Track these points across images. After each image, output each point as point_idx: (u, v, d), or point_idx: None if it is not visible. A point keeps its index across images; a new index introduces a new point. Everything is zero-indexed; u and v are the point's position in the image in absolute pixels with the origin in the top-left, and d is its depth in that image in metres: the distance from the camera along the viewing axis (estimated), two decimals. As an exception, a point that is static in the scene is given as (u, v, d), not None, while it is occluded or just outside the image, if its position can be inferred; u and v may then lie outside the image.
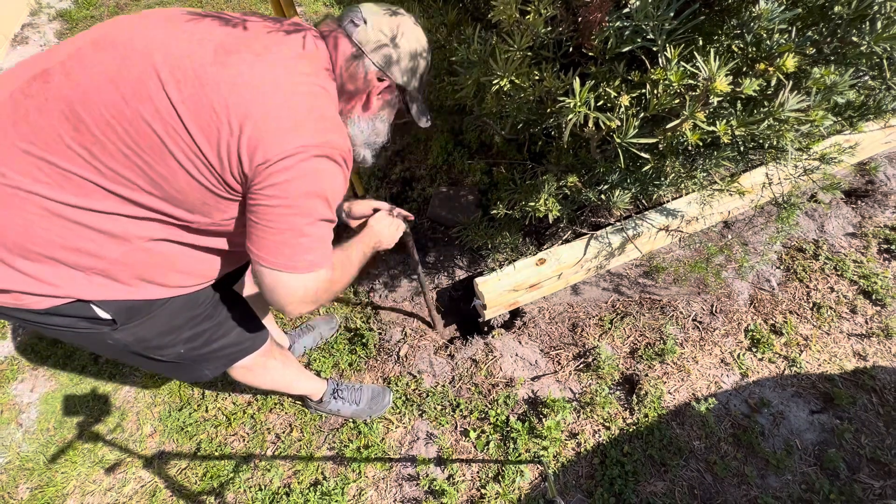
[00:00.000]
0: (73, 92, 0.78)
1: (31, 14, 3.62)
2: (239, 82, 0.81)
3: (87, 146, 0.78)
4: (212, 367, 1.20)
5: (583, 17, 1.08)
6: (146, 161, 0.80)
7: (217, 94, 0.79)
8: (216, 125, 0.80)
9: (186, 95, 0.79)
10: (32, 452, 1.70)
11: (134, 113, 0.78)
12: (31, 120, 0.78)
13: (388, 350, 1.88)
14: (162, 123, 0.79)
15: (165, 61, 0.80)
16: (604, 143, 1.29)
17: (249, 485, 1.59)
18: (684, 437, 1.61)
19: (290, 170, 0.82)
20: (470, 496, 1.54)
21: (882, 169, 2.33)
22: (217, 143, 0.81)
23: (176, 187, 0.84)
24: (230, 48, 0.84)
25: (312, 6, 3.58)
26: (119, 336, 0.98)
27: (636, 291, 2.00)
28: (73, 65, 0.81)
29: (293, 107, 0.84)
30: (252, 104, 0.81)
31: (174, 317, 1.03)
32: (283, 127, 0.82)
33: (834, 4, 0.89)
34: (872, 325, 1.84)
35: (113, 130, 0.78)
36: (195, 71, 0.80)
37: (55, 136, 0.78)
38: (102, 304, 0.91)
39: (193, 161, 0.82)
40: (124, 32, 0.84)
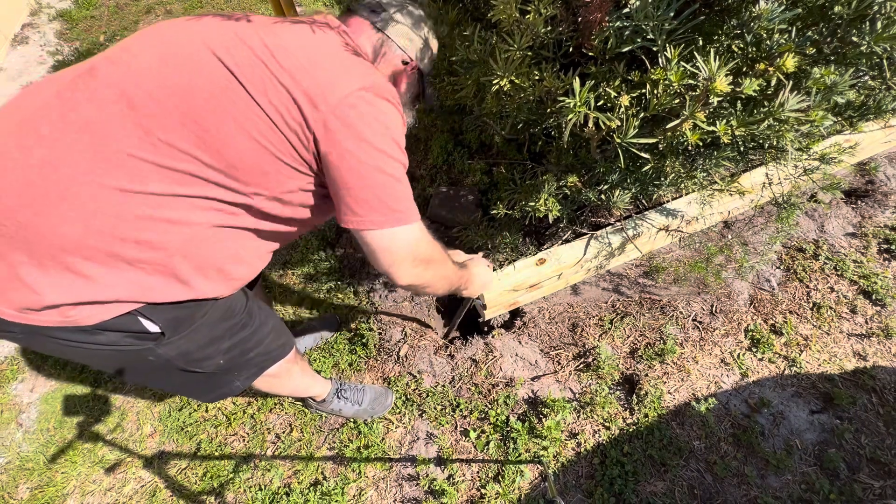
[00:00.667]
0: (123, 76, 0.79)
1: (31, 14, 3.62)
2: (285, 45, 0.85)
3: (142, 123, 0.78)
4: (243, 378, 1.19)
5: (583, 17, 1.08)
6: (204, 128, 0.80)
7: (268, 57, 0.82)
8: (274, 86, 0.82)
9: (239, 60, 0.81)
10: (32, 452, 1.70)
11: (188, 82, 0.79)
12: (81, 110, 0.77)
13: (388, 350, 1.88)
14: (220, 88, 0.80)
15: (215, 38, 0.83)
16: (604, 143, 1.29)
17: (249, 485, 1.59)
18: (684, 437, 1.61)
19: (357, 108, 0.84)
20: (470, 496, 1.54)
21: (882, 169, 2.33)
22: (278, 102, 0.82)
23: (236, 154, 0.83)
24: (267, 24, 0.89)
25: (312, 6, 3.58)
26: (162, 351, 0.95)
27: (636, 291, 2.00)
28: (119, 55, 0.83)
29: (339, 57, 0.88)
30: (303, 61, 0.84)
31: (214, 328, 1.03)
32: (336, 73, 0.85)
33: (834, 4, 0.89)
34: (872, 325, 1.84)
35: (170, 101, 0.79)
36: (244, 41, 0.83)
37: (107, 120, 0.77)
38: (154, 315, 0.89)
39: (254, 121, 0.82)
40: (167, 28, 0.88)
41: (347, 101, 0.83)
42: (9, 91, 3.11)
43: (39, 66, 3.25)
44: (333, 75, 0.85)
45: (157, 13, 3.62)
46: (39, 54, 3.34)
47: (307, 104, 0.82)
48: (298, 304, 2.06)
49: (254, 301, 1.17)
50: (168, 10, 3.63)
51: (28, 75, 3.20)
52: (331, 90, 0.83)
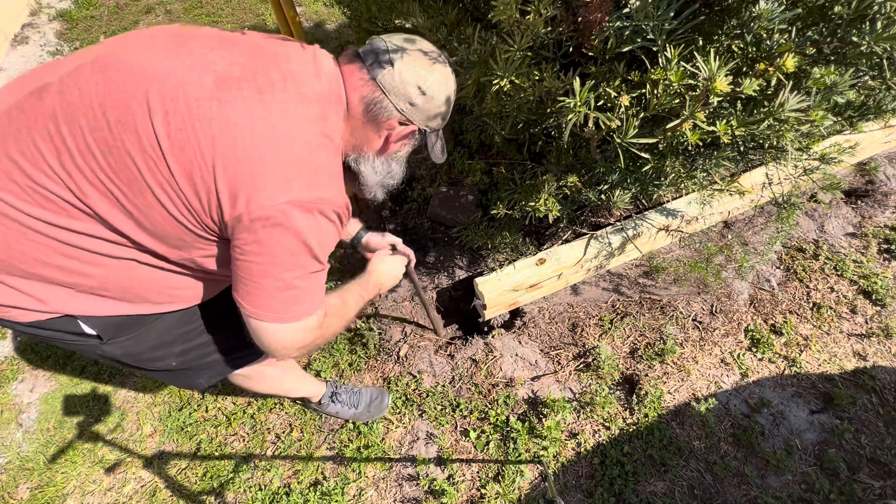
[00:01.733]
0: (61, 110, 0.76)
1: (31, 14, 3.63)
2: (232, 122, 0.75)
3: (67, 169, 0.75)
4: (206, 377, 1.19)
5: (583, 17, 1.08)
6: (122, 192, 0.77)
7: (206, 132, 0.75)
8: (199, 165, 0.75)
9: (173, 129, 0.74)
10: (32, 452, 1.70)
11: (116, 141, 0.75)
12: (20, 137, 0.76)
13: (388, 350, 1.88)
14: (143, 156, 0.75)
15: (159, 90, 0.75)
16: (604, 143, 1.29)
17: (249, 485, 1.59)
18: (684, 437, 1.61)
19: (277, 226, 0.77)
20: (470, 496, 1.54)
21: (882, 169, 2.33)
22: (196, 184, 0.76)
23: (152, 221, 0.80)
24: (231, 82, 0.78)
25: (312, 6, 3.58)
26: (107, 349, 0.97)
27: (636, 291, 2.00)
28: (69, 83, 0.78)
29: (287, 157, 0.78)
30: (242, 148, 0.75)
31: (166, 332, 1.02)
32: (273, 178, 0.77)
33: (834, 4, 0.89)
34: (872, 325, 1.84)
35: (93, 156, 0.75)
36: (188, 104, 0.75)
37: (37, 154, 0.75)
38: (88, 321, 0.90)
39: (171, 198, 0.77)
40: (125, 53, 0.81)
41: (265, 213, 0.76)
42: (9, 91, 3.11)
43: (39, 66, 3.25)
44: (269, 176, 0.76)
45: (156, 13, 3.62)
46: (39, 54, 3.34)
47: (227, 199, 0.76)
48: (298, 304, 2.05)
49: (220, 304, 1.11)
50: (168, 9, 3.63)
51: (28, 75, 3.20)
52: (258, 193, 0.76)
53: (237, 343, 1.18)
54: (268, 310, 0.84)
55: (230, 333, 1.14)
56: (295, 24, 1.60)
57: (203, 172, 0.75)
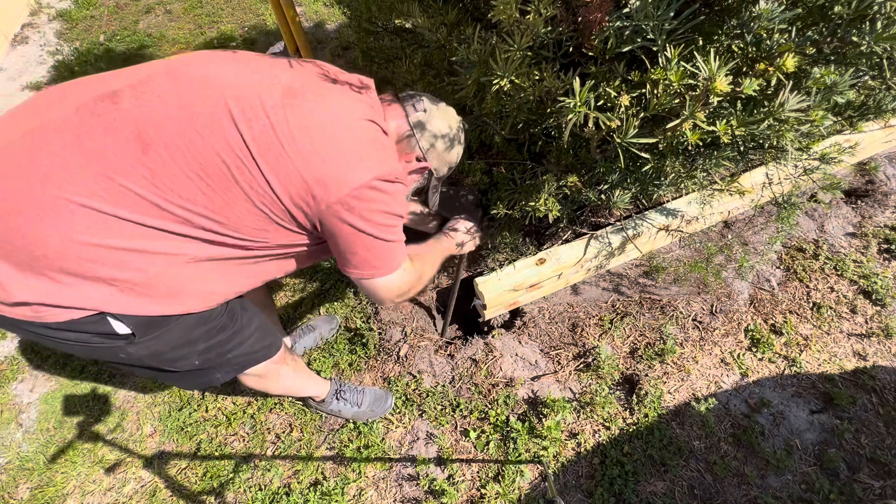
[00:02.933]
0: (145, 116, 0.81)
1: (31, 14, 3.63)
2: (305, 123, 0.87)
3: (152, 167, 0.80)
4: (223, 373, 1.20)
5: (583, 17, 1.08)
6: (211, 186, 0.84)
7: (285, 133, 0.85)
8: (287, 165, 0.85)
9: (257, 133, 0.84)
10: (32, 452, 1.70)
11: (206, 144, 0.82)
12: (96, 136, 0.80)
13: (388, 350, 1.88)
14: (233, 157, 0.83)
15: (238, 99, 0.85)
16: (604, 143, 1.29)
17: (249, 485, 1.59)
18: (684, 437, 1.61)
19: (367, 200, 0.91)
20: (470, 496, 1.54)
21: (882, 169, 2.33)
22: (288, 182, 0.86)
23: (236, 213, 0.88)
24: (296, 91, 0.90)
25: (312, 6, 3.58)
26: (133, 350, 0.97)
27: (636, 291, 2.00)
28: (145, 90, 0.84)
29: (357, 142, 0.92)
30: (320, 143, 0.87)
31: (190, 330, 1.03)
32: (351, 163, 0.89)
33: (834, 4, 0.89)
34: (872, 325, 1.84)
35: (183, 156, 0.81)
36: (265, 111, 0.85)
37: (120, 155, 0.79)
38: (123, 318, 0.90)
39: (260, 194, 0.86)
40: (196, 67, 0.89)
41: (355, 193, 0.89)
42: (9, 91, 3.11)
43: (39, 66, 3.25)
44: (348, 163, 0.89)
45: (156, 13, 3.62)
46: (39, 54, 3.34)
47: (318, 190, 0.87)
48: (298, 304, 2.06)
49: (238, 301, 1.16)
50: (168, 9, 3.63)
51: (28, 75, 3.20)
52: (342, 179, 0.88)
53: (256, 339, 1.21)
54: (379, 269, 1.02)
55: (249, 330, 1.18)
56: (295, 24, 1.60)
57: (291, 171, 0.86)
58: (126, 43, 3.35)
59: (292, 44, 2.47)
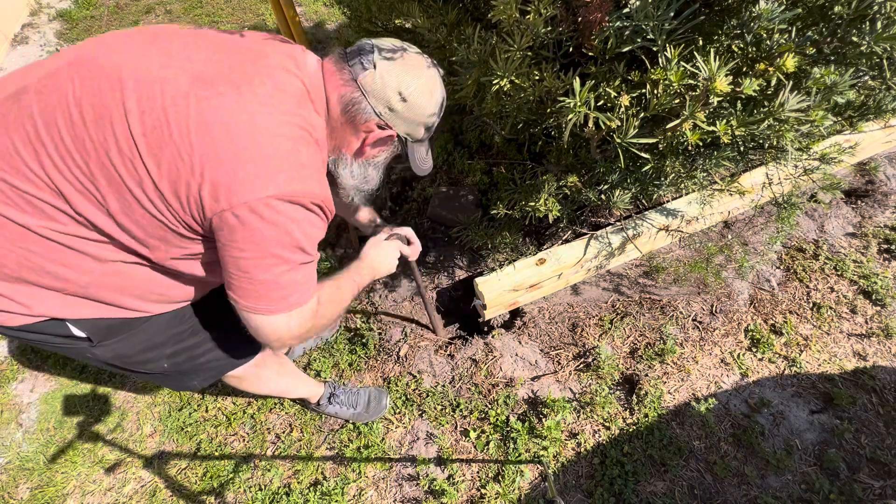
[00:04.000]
0: (39, 112, 0.76)
1: (31, 14, 3.63)
2: (209, 119, 0.75)
3: (47, 170, 0.75)
4: (200, 379, 1.19)
5: (583, 17, 1.08)
6: (102, 192, 0.77)
7: (182, 130, 0.74)
8: (177, 164, 0.75)
9: (149, 128, 0.74)
10: (32, 452, 1.70)
11: (93, 140, 0.75)
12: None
13: (387, 350, 1.88)
14: (120, 156, 0.74)
15: (135, 89, 0.75)
16: (604, 143, 1.29)
17: (249, 485, 1.59)
18: (684, 437, 1.61)
19: (261, 220, 0.77)
20: (470, 496, 1.54)
21: (882, 169, 2.33)
22: (176, 183, 0.76)
23: (133, 220, 0.80)
24: (209, 79, 0.78)
25: (312, 6, 3.58)
26: (97, 352, 0.97)
27: (636, 291, 2.00)
28: (46, 83, 0.78)
29: (267, 151, 0.78)
30: (220, 144, 0.75)
31: (156, 334, 1.01)
32: (254, 172, 0.76)
33: (834, 4, 0.89)
34: (872, 325, 1.84)
35: (71, 157, 0.75)
36: (164, 103, 0.75)
37: (18, 159, 0.75)
38: (77, 323, 0.90)
39: (150, 197, 0.77)
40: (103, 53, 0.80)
41: (249, 206, 0.76)
42: (9, 91, 3.11)
43: (39, 66, 3.25)
44: (249, 171, 0.76)
45: (156, 13, 3.62)
46: (39, 54, 3.34)
47: (208, 195, 0.76)
48: (298, 304, 2.06)
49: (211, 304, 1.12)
50: (168, 9, 3.63)
51: (28, 75, 3.20)
52: (239, 188, 0.76)
53: (229, 344, 1.17)
54: (260, 302, 0.85)
55: (221, 334, 1.14)
56: (295, 24, 1.60)
57: (182, 171, 0.75)
58: (126, 43, 3.35)
59: (292, 44, 2.46)
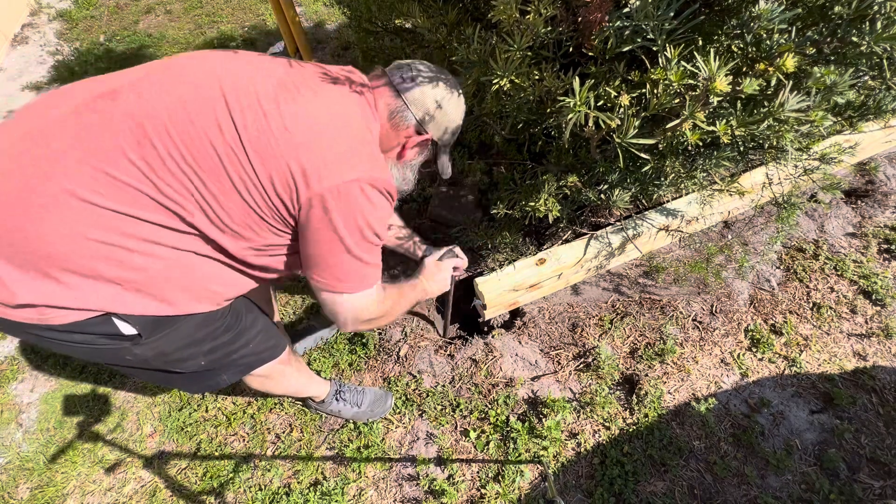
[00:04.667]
0: (140, 109, 0.82)
1: (31, 14, 3.63)
2: (299, 115, 0.87)
3: (147, 160, 0.81)
4: (230, 374, 1.20)
5: (583, 17, 1.08)
6: (201, 179, 0.84)
7: (278, 123, 0.85)
8: (274, 152, 0.85)
9: (250, 122, 0.84)
10: (32, 452, 1.70)
11: (198, 131, 0.83)
12: (94, 133, 0.80)
13: (387, 350, 1.88)
14: (223, 145, 0.84)
15: (233, 88, 0.86)
16: (604, 142, 1.29)
17: (249, 485, 1.59)
18: (684, 437, 1.61)
19: (347, 199, 0.88)
20: (470, 496, 1.54)
21: (882, 169, 2.33)
22: (273, 169, 0.86)
23: (225, 207, 0.88)
24: (290, 84, 0.91)
25: (312, 6, 3.58)
26: (139, 351, 0.97)
27: (636, 291, 2.00)
28: (143, 86, 0.85)
29: (348, 141, 0.91)
30: (310, 135, 0.87)
31: (196, 330, 1.03)
32: (340, 158, 0.88)
33: (834, 4, 0.89)
34: (872, 325, 1.84)
35: (175, 146, 0.82)
36: (259, 101, 0.86)
37: (117, 149, 0.80)
38: (129, 319, 0.90)
39: (247, 184, 0.86)
40: (193, 61, 0.91)
41: (339, 189, 0.87)
42: (8, 91, 3.11)
43: (39, 66, 3.25)
44: (335, 158, 0.88)
45: (156, 13, 3.62)
46: (39, 54, 3.34)
47: (301, 179, 0.86)
48: (299, 304, 2.06)
49: (243, 302, 1.17)
50: (168, 9, 3.64)
51: (28, 75, 3.20)
52: (327, 172, 0.87)
53: (261, 340, 1.21)
54: (340, 282, 0.97)
55: (254, 331, 1.18)
56: (295, 24, 1.60)
57: (278, 159, 0.85)
58: (126, 43, 3.35)
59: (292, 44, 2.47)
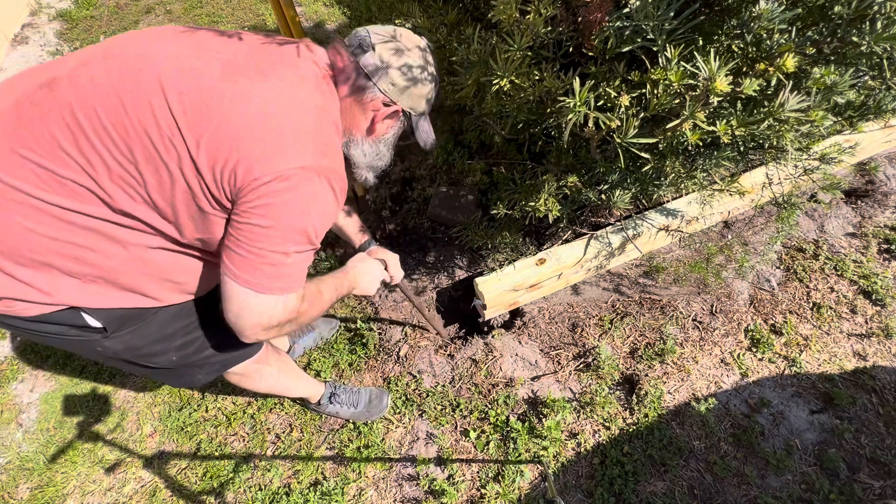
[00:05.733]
0: (76, 99, 0.79)
1: (31, 14, 3.63)
2: (243, 99, 0.81)
3: (84, 153, 0.78)
4: (204, 374, 1.20)
5: (583, 17, 1.08)
6: (139, 171, 0.80)
7: (219, 108, 0.80)
8: (215, 139, 0.79)
9: (188, 107, 0.79)
10: (32, 452, 1.70)
11: (132, 121, 0.79)
12: (32, 126, 0.79)
13: (388, 350, 1.88)
14: (159, 133, 0.79)
15: (171, 73, 0.81)
16: (604, 143, 1.29)
17: (249, 485, 1.59)
18: (684, 437, 1.61)
19: (288, 190, 0.82)
20: (470, 496, 1.54)
21: (882, 169, 2.33)
22: (214, 157, 0.80)
23: (166, 199, 0.83)
24: (237, 66, 0.85)
25: (312, 6, 3.58)
26: (109, 344, 0.97)
27: (636, 291, 2.00)
28: (80, 73, 0.82)
29: (299, 126, 0.84)
30: (255, 120, 0.81)
31: (166, 325, 1.03)
32: (285, 145, 0.82)
33: (834, 4, 0.89)
34: (872, 325, 1.84)
35: (109, 138, 0.78)
36: (199, 84, 0.81)
37: (53, 142, 0.78)
38: (93, 312, 0.91)
39: (185, 173, 0.81)
40: (134, 45, 0.86)
41: (281, 176, 0.81)
42: (9, 91, 3.11)
43: (39, 66, 3.25)
44: (281, 144, 0.82)
45: (156, 13, 3.62)
46: (39, 54, 3.34)
47: (243, 167, 0.80)
48: (298, 304, 2.06)
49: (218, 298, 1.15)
50: (168, 9, 3.63)
51: (28, 75, 3.20)
52: (271, 160, 0.81)
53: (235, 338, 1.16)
54: (254, 276, 0.85)
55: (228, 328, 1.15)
56: (295, 24, 1.60)
57: (220, 146, 0.80)
58: (126, 43, 3.35)
59: (292, 44, 2.46)
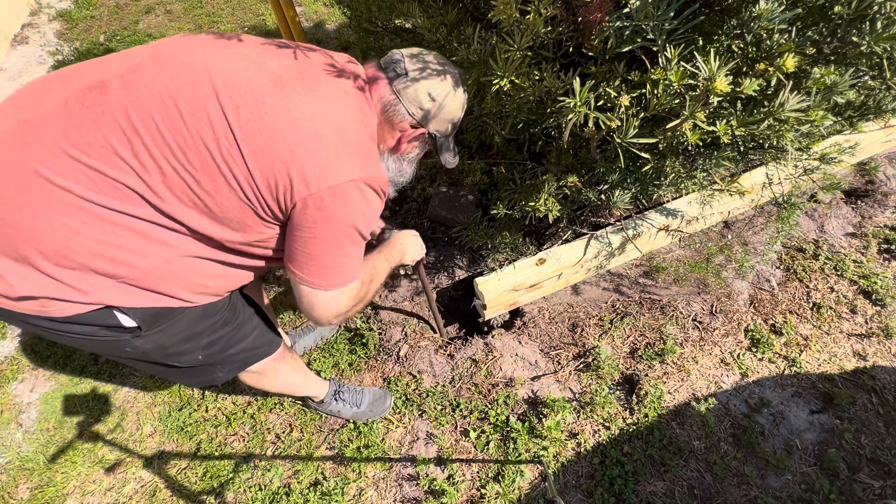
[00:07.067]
0: (132, 105, 0.81)
1: (31, 14, 3.63)
2: (294, 115, 0.86)
3: (139, 158, 0.81)
4: (225, 371, 1.21)
5: (583, 17, 1.08)
6: (195, 178, 0.84)
7: (274, 123, 0.84)
8: (271, 151, 0.84)
9: (244, 120, 0.83)
10: (32, 452, 1.70)
11: (191, 131, 0.82)
12: (84, 129, 0.80)
13: (388, 350, 1.88)
14: (217, 144, 0.83)
15: (226, 86, 0.84)
16: (604, 143, 1.29)
17: (249, 485, 1.59)
18: (684, 437, 1.61)
19: (343, 204, 0.89)
20: (470, 496, 1.54)
21: (882, 169, 2.33)
22: (269, 168, 0.85)
23: (218, 204, 0.87)
24: (284, 80, 0.89)
25: (312, 6, 3.58)
26: (139, 343, 0.98)
27: (636, 291, 2.00)
28: (132, 79, 0.84)
29: (345, 140, 0.90)
30: (306, 135, 0.86)
31: (194, 324, 1.04)
32: (337, 158, 0.88)
33: (834, 4, 0.89)
34: (872, 325, 1.84)
35: (167, 145, 0.81)
36: (254, 99, 0.85)
37: (107, 146, 0.79)
38: (129, 311, 0.91)
39: (241, 183, 0.86)
40: (184, 52, 0.88)
41: (335, 190, 0.88)
42: (9, 91, 3.11)
43: (39, 66, 3.25)
44: (332, 158, 0.88)
45: (156, 13, 3.62)
46: (39, 54, 3.34)
47: (299, 181, 0.86)
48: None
49: (238, 297, 1.18)
50: (168, 9, 3.63)
51: (28, 75, 3.20)
52: (325, 174, 0.87)
53: (256, 336, 1.21)
54: (322, 278, 0.96)
55: (250, 326, 1.19)
56: (295, 24, 1.60)
57: (275, 160, 0.85)
58: (126, 43, 3.35)
59: (292, 44, 2.46)
